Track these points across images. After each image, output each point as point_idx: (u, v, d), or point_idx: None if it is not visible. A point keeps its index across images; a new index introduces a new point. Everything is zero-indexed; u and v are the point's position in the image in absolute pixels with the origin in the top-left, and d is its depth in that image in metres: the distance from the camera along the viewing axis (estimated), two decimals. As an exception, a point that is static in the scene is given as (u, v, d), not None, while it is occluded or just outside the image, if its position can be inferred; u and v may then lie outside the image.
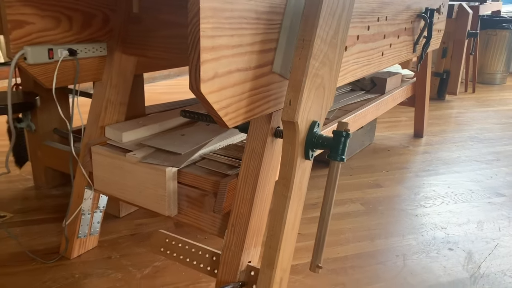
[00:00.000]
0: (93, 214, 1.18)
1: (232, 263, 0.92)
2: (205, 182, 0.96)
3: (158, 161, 0.98)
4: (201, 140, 1.12)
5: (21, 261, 1.14)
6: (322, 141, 0.87)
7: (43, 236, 1.26)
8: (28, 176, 1.64)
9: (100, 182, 1.10)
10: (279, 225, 0.87)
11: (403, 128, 2.40)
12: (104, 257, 1.17)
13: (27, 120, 1.49)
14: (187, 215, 1.01)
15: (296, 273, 1.13)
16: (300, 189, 0.89)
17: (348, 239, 1.29)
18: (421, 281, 1.11)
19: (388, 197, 1.57)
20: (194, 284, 1.07)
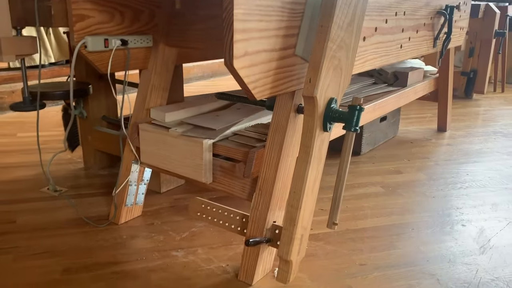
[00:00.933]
0: (139, 186, 1.35)
1: (259, 221, 1.06)
2: (236, 152, 1.10)
3: (196, 135, 1.14)
4: (233, 120, 1.26)
5: (76, 225, 1.31)
6: (338, 115, 1.00)
7: (94, 206, 1.43)
8: (78, 159, 1.83)
9: (145, 156, 1.26)
10: (300, 186, 1.00)
11: (427, 124, 2.48)
12: (148, 223, 1.33)
13: (79, 108, 1.68)
14: (220, 182, 1.16)
15: (317, 240, 1.25)
16: (319, 156, 1.02)
17: (366, 215, 1.41)
18: (432, 249, 1.21)
19: (407, 182, 1.67)
20: (226, 246, 1.21)
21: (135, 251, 1.18)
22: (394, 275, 1.10)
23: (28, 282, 1.04)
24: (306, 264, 1.13)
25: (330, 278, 1.08)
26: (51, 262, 1.12)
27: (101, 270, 1.10)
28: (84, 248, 1.19)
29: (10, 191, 1.53)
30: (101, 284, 1.04)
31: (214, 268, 1.11)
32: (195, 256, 1.16)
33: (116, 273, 1.08)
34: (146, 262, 1.13)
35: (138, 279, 1.06)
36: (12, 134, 2.19)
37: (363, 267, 1.13)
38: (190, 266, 1.12)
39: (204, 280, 1.06)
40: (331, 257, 1.17)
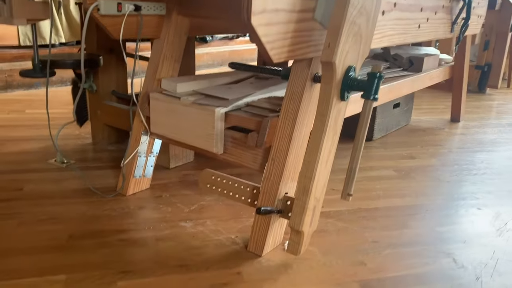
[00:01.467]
0: (148, 158, 1.32)
1: (270, 192, 1.03)
2: (249, 121, 1.07)
3: (209, 103, 1.11)
4: (246, 92, 1.23)
5: (83, 195, 1.29)
6: (357, 83, 0.96)
7: (101, 178, 1.41)
8: (86, 135, 1.81)
9: (156, 126, 1.23)
10: (314, 156, 0.97)
11: (440, 114, 2.43)
12: (156, 195, 1.31)
13: (89, 81, 1.65)
14: (231, 153, 1.13)
15: (328, 217, 1.22)
16: (335, 126, 0.99)
17: (379, 196, 1.37)
18: (447, 230, 1.18)
19: (421, 167, 1.64)
20: (236, 218, 1.19)
21: (143, 220, 1.16)
22: (408, 253, 1.06)
23: (32, 246, 1.02)
24: (316, 239, 1.10)
25: (342, 253, 1.05)
26: (56, 228, 1.10)
27: (107, 237, 1.07)
28: (90, 217, 1.16)
29: (18, 161, 1.51)
30: (107, 251, 1.01)
31: (223, 239, 1.09)
32: (203, 227, 1.14)
33: (123, 241, 1.06)
34: (154, 231, 1.11)
35: (145, 246, 1.04)
36: (21, 111, 2.18)
37: (376, 244, 1.10)
38: (198, 236, 1.09)
39: (213, 250, 1.04)
40: (342, 234, 1.14)
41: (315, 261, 1.01)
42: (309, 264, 1.00)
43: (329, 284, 0.93)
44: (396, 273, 0.98)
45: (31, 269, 0.93)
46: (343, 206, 1.29)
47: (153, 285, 0.90)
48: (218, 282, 0.92)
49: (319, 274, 0.97)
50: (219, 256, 1.01)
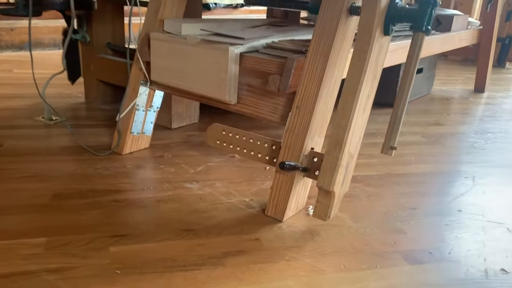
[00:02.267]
0: (147, 112, 1.15)
1: (294, 146, 0.86)
2: (269, 63, 0.90)
3: (221, 41, 0.93)
4: (264, 34, 1.06)
5: (72, 152, 1.12)
6: (405, 13, 0.79)
7: (94, 136, 1.24)
8: (79, 94, 1.63)
9: (157, 72, 1.06)
10: (351, 101, 0.80)
11: (461, 85, 2.26)
12: (156, 155, 1.14)
13: (82, 32, 1.47)
14: (246, 104, 0.96)
15: (356, 182, 1.05)
16: (375, 66, 0.82)
17: (410, 161, 1.21)
18: (494, 199, 1.01)
19: (451, 133, 1.47)
20: (249, 181, 1.02)
21: (141, 181, 0.99)
22: (453, 222, 0.90)
23: (9, 205, 0.85)
24: (345, 205, 0.94)
25: (376, 220, 0.89)
26: (38, 186, 0.93)
27: (98, 197, 0.91)
28: (80, 175, 1.00)
29: (0, 118, 1.34)
30: (98, 212, 0.85)
31: (236, 202, 0.92)
32: (212, 189, 0.97)
33: (117, 201, 0.89)
34: (154, 192, 0.94)
35: (143, 208, 0.87)
36: (8, 70, 2.00)
37: (415, 212, 0.93)
38: (206, 198, 0.93)
39: (224, 213, 0.87)
40: (374, 199, 0.98)
41: (346, 228, 0.85)
42: (339, 231, 0.84)
43: (365, 254, 0.77)
44: (441, 243, 0.82)
45: (7, 231, 0.77)
46: (371, 171, 1.12)
47: (154, 251, 0.74)
48: (233, 249, 0.76)
49: (353, 242, 0.80)
50: (232, 221, 0.85)
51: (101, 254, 0.72)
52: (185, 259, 0.72)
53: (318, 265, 0.73)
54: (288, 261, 0.74)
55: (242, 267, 0.71)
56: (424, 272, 0.74)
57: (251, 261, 0.73)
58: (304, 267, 0.72)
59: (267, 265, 0.72)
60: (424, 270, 0.74)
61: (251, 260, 0.73)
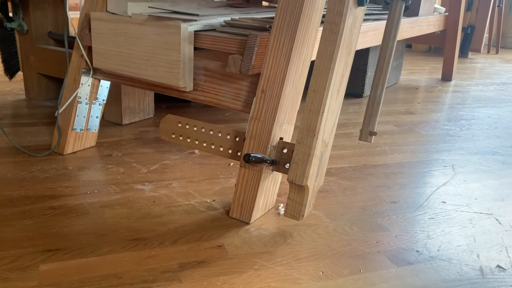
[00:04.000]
0: (91, 106, 1.01)
1: (261, 136, 0.75)
2: (229, 42, 0.78)
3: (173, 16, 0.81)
4: (221, 12, 0.94)
5: (4, 154, 0.97)
6: (380, -22, 0.69)
7: (33, 135, 1.09)
8: (19, 91, 1.46)
9: (100, 58, 0.92)
10: (323, 81, 0.69)
11: (428, 74, 2.22)
12: (104, 154, 1.00)
13: (18, 19, 1.31)
14: (204, 91, 0.84)
15: (330, 175, 0.95)
16: (350, 41, 0.71)
17: (385, 151, 1.12)
18: (477, 188, 0.94)
19: (424, 121, 1.40)
20: (211, 179, 0.90)
21: (84, 183, 0.85)
22: (438, 215, 0.81)
23: None
24: (320, 201, 0.83)
25: (355, 217, 0.79)
26: (-42, 195, 0.78)
27: (31, 205, 0.76)
28: (11, 180, 0.85)
29: None
30: (29, 223, 0.71)
31: (196, 203, 0.80)
32: (168, 190, 0.84)
33: (53, 209, 0.75)
34: (99, 196, 0.81)
35: (85, 216, 0.74)
36: None
37: (396, 206, 0.84)
38: (161, 201, 0.80)
39: (182, 217, 0.75)
40: (350, 194, 0.88)
41: (322, 227, 0.75)
42: (315, 232, 0.73)
43: (346, 257, 0.67)
44: (429, 240, 0.73)
45: None
46: (345, 163, 1.03)
47: (94, 267, 0.61)
48: (191, 260, 0.64)
49: (331, 244, 0.70)
50: (191, 226, 0.73)
51: (27, 275, 0.59)
52: (133, 275, 0.60)
53: (292, 273, 0.62)
54: (257, 270, 0.62)
55: (203, 281, 0.59)
56: (413, 274, 0.64)
57: (213, 274, 0.61)
58: (276, 277, 0.61)
59: (233, 277, 0.60)
60: (414, 272, 0.64)
61: (213, 272, 0.61)
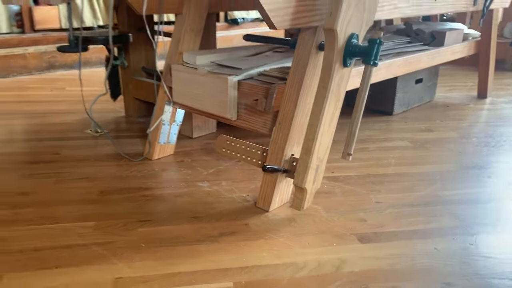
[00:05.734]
0: (171, 126, 1.43)
1: (277, 153, 1.11)
2: (259, 89, 1.16)
3: (222, 72, 1.20)
4: (260, 63, 1.31)
5: (113, 159, 1.42)
6: (358, 49, 1.02)
7: (131, 145, 1.54)
8: (120, 109, 1.95)
9: (177, 95, 1.34)
10: (317, 120, 1.04)
11: (467, 91, 2.42)
12: (178, 160, 1.42)
13: (121, 58, 1.78)
14: (244, 120, 1.22)
15: (337, 181, 1.29)
16: (337, 92, 1.05)
17: (390, 164, 1.43)
18: (455, 194, 1.22)
19: (437, 139, 1.66)
20: (249, 180, 1.28)
21: (164, 180, 1.27)
22: (410, 212, 1.12)
23: (67, 199, 1.16)
24: (322, 199, 1.18)
25: (344, 211, 1.12)
26: (89, 185, 1.23)
27: (132, 193, 1.19)
28: (119, 176, 1.29)
29: (57, 131, 1.67)
30: (131, 204, 1.13)
31: (236, 196, 1.18)
32: (218, 187, 1.24)
33: (145, 196, 1.18)
34: (174, 189, 1.22)
35: (164, 201, 1.15)
36: (62, 88, 2.35)
37: (379, 205, 1.16)
38: (213, 194, 1.20)
39: (225, 205, 1.14)
40: (348, 195, 1.21)
41: (318, 216, 1.09)
42: (312, 219, 1.08)
43: (328, 235, 1.01)
44: (394, 228, 1.05)
45: (66, 217, 1.07)
46: (353, 172, 1.36)
47: (167, 231, 1.01)
48: (227, 230, 1.02)
49: (320, 227, 1.05)
50: (230, 210, 1.11)
51: (131, 233, 1.00)
52: (191, 237, 0.99)
53: (288, 242, 0.98)
54: (267, 240, 0.99)
55: (231, 243, 0.97)
56: (373, 249, 0.97)
57: (238, 239, 0.99)
58: (277, 244, 0.97)
59: (250, 242, 0.98)
60: (373, 248, 0.97)
61: (239, 239, 0.99)
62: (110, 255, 0.92)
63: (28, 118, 1.82)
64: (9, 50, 2.52)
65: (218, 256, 0.93)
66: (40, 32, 2.67)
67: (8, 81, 2.49)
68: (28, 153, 1.45)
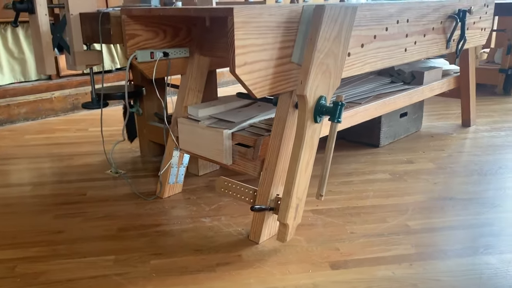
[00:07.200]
0: (179, 168, 1.67)
1: (265, 194, 1.34)
2: (248, 140, 1.39)
3: (219, 126, 1.44)
4: (251, 114, 1.55)
5: (131, 198, 1.66)
6: (325, 109, 1.25)
7: (145, 185, 1.78)
8: (136, 149, 2.20)
9: (183, 143, 1.58)
10: (294, 166, 1.27)
11: (454, 119, 2.61)
12: (185, 198, 1.66)
13: (136, 106, 2.04)
14: (238, 164, 1.45)
15: (320, 214, 1.51)
16: (311, 143, 1.28)
17: (368, 196, 1.64)
18: (419, 223, 1.42)
19: (416, 170, 1.87)
20: (245, 215, 1.51)
21: (173, 217, 1.51)
22: (376, 241, 1.33)
23: (92, 236, 1.40)
24: (305, 231, 1.39)
25: (322, 241, 1.34)
26: (109, 223, 1.48)
27: (146, 229, 1.43)
28: (135, 214, 1.53)
29: (82, 172, 1.93)
30: (145, 239, 1.37)
31: (232, 230, 1.41)
32: (218, 222, 1.47)
33: (157, 232, 1.41)
34: (180, 225, 1.45)
35: (173, 236, 1.38)
36: (85, 129, 2.63)
37: (353, 235, 1.37)
38: (213, 228, 1.42)
39: (223, 238, 1.36)
40: (328, 227, 1.42)
41: (299, 247, 1.31)
42: (294, 249, 1.30)
43: (306, 263, 1.23)
44: (362, 256, 1.26)
45: (91, 252, 1.31)
46: (334, 205, 1.57)
47: (176, 263, 1.24)
48: (223, 261, 1.24)
49: (300, 256, 1.26)
50: (226, 243, 1.34)
51: (145, 264, 1.24)
52: (194, 267, 1.22)
53: (273, 270, 1.20)
54: (255, 268, 1.21)
55: (226, 272, 1.20)
56: (341, 274, 1.18)
57: (232, 269, 1.21)
58: (263, 272, 1.19)
59: (241, 271, 1.20)
60: (342, 273, 1.18)
61: (232, 268, 1.21)
62: (127, 283, 1.16)
63: (57, 160, 2.09)
64: (38, 96, 2.83)
65: (214, 283, 1.15)
66: (65, 78, 2.97)
67: (37, 123, 2.78)
68: (59, 195, 1.71)
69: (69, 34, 1.59)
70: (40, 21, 1.56)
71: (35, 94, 2.83)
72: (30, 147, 2.31)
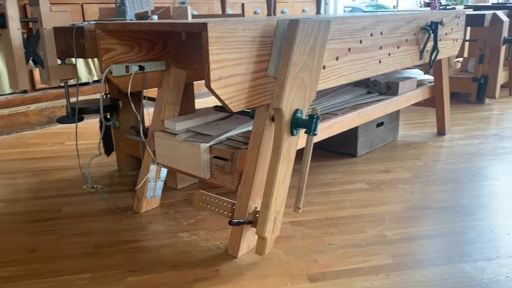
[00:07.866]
0: (156, 182, 1.66)
1: (243, 207, 1.33)
2: (225, 153, 1.39)
3: (196, 140, 1.43)
4: (229, 127, 1.55)
5: (107, 213, 1.64)
6: (301, 122, 1.26)
7: (122, 200, 1.76)
8: (113, 163, 2.18)
9: (160, 157, 1.57)
10: (272, 179, 1.27)
11: (430, 128, 2.66)
12: (163, 212, 1.64)
13: (113, 119, 2.02)
14: (216, 178, 1.45)
15: (299, 225, 1.51)
16: (288, 155, 1.28)
17: (346, 206, 1.65)
18: (396, 234, 1.44)
19: (393, 179, 1.89)
20: (223, 229, 1.50)
21: (151, 232, 1.49)
22: (354, 252, 1.34)
23: (67, 253, 1.37)
24: (283, 243, 1.39)
25: (301, 253, 1.34)
26: (85, 240, 1.45)
27: (123, 246, 1.41)
28: (112, 230, 1.51)
29: (58, 188, 1.89)
30: (122, 256, 1.35)
31: (210, 245, 1.40)
32: (197, 236, 1.46)
33: (134, 248, 1.39)
34: (158, 240, 1.44)
35: (150, 252, 1.37)
36: (61, 143, 2.59)
37: (331, 246, 1.38)
38: (191, 243, 1.41)
39: (201, 253, 1.35)
40: (306, 238, 1.43)
41: (277, 260, 1.31)
42: (272, 262, 1.30)
43: (284, 277, 1.22)
44: (339, 267, 1.26)
45: (66, 270, 1.28)
46: (313, 216, 1.58)
47: (153, 279, 1.22)
48: (201, 277, 1.23)
49: (278, 269, 1.26)
50: (204, 258, 1.33)
51: (121, 282, 1.22)
52: (171, 284, 1.20)
53: (251, 285, 1.19)
54: (233, 283, 1.20)
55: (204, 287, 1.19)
56: (320, 287, 1.18)
57: (210, 284, 1.20)
58: (242, 286, 1.19)
59: (220, 286, 1.19)
60: (320, 286, 1.19)
61: (210, 283, 1.20)
62: (104, 302, 1.14)
63: (32, 176, 2.05)
64: (12, 109, 2.77)
65: (192, 299, 1.14)
66: (41, 91, 2.92)
67: (12, 137, 2.73)
68: (33, 211, 1.67)
69: (43, 49, 1.57)
70: (13, 36, 1.54)
71: (9, 107, 2.78)
72: (4, 162, 2.26)
